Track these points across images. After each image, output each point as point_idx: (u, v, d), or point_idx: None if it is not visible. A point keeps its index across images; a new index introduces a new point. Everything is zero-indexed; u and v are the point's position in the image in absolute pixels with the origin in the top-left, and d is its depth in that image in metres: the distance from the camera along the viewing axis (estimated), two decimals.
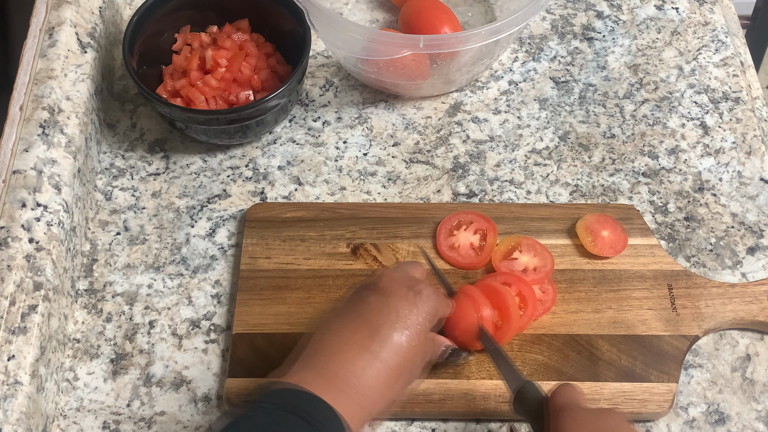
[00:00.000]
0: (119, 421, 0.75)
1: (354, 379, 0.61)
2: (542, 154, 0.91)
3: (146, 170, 0.89)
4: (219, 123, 0.85)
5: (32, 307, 0.72)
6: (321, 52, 0.99)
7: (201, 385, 0.76)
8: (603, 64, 0.98)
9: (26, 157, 0.79)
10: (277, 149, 0.91)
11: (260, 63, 0.90)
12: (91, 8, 0.91)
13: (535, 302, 0.77)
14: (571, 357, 0.76)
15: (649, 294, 0.80)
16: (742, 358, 0.78)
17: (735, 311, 0.78)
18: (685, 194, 0.88)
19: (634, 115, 0.94)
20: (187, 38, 0.92)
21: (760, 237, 0.85)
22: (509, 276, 0.78)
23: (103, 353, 0.78)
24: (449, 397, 0.74)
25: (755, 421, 0.75)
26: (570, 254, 0.82)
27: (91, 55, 0.88)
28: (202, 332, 0.79)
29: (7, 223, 0.75)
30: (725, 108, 0.94)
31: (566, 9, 1.03)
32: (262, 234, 0.83)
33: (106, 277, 0.82)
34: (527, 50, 0.99)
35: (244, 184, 0.88)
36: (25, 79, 0.83)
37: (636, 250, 0.82)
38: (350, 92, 0.96)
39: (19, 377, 0.68)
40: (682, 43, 1.00)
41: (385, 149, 0.91)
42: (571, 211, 0.85)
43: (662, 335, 0.77)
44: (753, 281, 0.81)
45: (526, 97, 0.96)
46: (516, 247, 0.81)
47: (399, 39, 0.83)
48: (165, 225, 0.86)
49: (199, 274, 0.83)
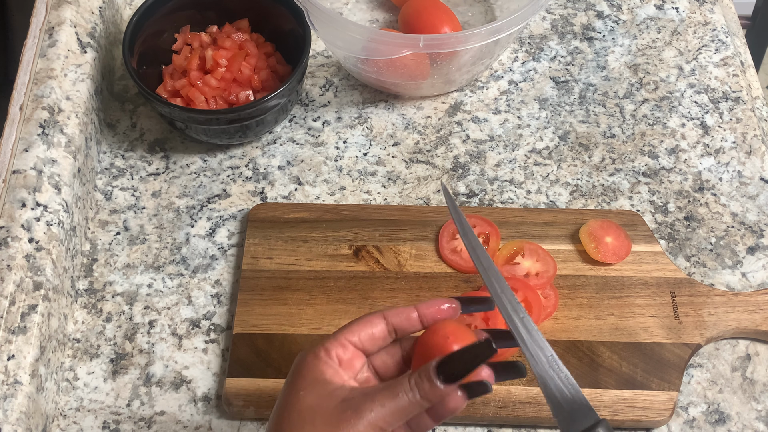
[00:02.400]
0: (119, 421, 0.75)
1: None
2: (542, 153, 0.91)
3: (146, 170, 0.89)
4: (219, 123, 0.85)
5: (32, 307, 0.72)
6: (321, 52, 0.99)
7: (201, 385, 0.76)
8: (603, 63, 0.98)
9: (26, 156, 0.78)
10: (277, 149, 0.91)
11: (260, 63, 0.90)
12: (91, 8, 0.91)
13: (540, 308, 0.77)
14: (572, 363, 0.76)
15: (652, 301, 0.79)
16: (743, 357, 0.78)
17: (738, 320, 0.78)
18: (685, 194, 0.88)
19: (634, 114, 0.94)
20: (187, 38, 0.92)
21: (760, 237, 0.85)
22: (515, 281, 0.78)
23: (103, 353, 0.78)
24: None
25: (755, 421, 0.75)
26: (573, 260, 0.82)
27: (91, 54, 0.88)
28: (202, 332, 0.79)
29: (6, 222, 0.75)
30: (725, 108, 0.94)
31: (566, 9, 1.03)
32: (264, 234, 0.83)
33: (106, 277, 0.82)
34: (527, 50, 0.99)
35: (244, 184, 0.88)
36: (24, 78, 0.83)
37: (639, 257, 0.82)
38: (350, 92, 0.96)
39: (18, 377, 0.68)
40: (682, 43, 1.00)
41: (385, 149, 0.91)
42: (575, 217, 0.84)
43: (664, 343, 0.77)
44: (756, 290, 0.81)
45: (526, 96, 0.96)
46: (519, 251, 0.81)
47: (399, 39, 0.83)
48: (165, 225, 0.86)
49: (199, 274, 0.83)
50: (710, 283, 0.82)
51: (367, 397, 0.52)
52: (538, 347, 0.57)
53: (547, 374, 0.56)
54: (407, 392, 0.52)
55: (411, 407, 0.52)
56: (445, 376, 0.52)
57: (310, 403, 0.53)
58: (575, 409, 0.55)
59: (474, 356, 0.51)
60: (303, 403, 0.53)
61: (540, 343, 0.57)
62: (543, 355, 0.56)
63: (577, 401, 0.55)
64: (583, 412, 0.54)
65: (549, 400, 0.56)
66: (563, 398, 0.55)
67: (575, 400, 0.55)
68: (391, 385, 0.53)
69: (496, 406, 0.74)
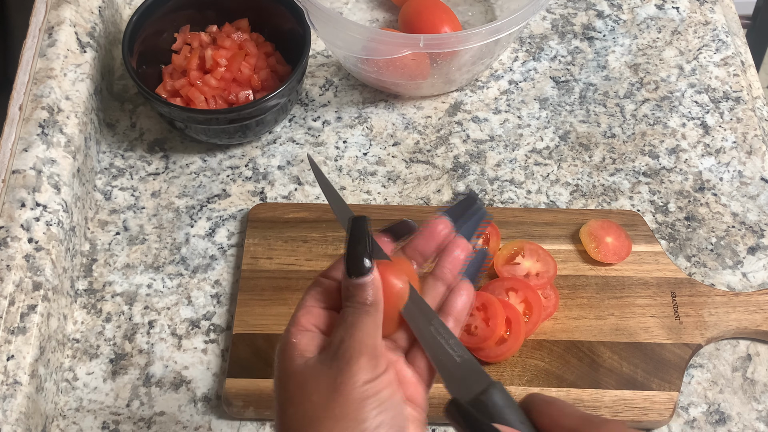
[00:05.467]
0: (119, 422, 0.74)
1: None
2: (542, 153, 0.91)
3: (146, 170, 0.89)
4: (218, 123, 0.85)
5: (31, 307, 0.72)
6: (321, 52, 0.99)
7: (200, 385, 0.76)
8: (603, 63, 0.98)
9: (25, 156, 0.78)
10: (277, 149, 0.91)
11: (260, 62, 0.90)
12: (91, 8, 0.91)
13: (540, 308, 0.77)
14: (572, 363, 0.76)
15: (652, 301, 0.79)
16: (743, 358, 0.78)
17: (738, 320, 0.78)
18: (685, 194, 0.88)
19: (634, 114, 0.94)
20: (187, 38, 0.92)
21: (760, 237, 0.85)
22: (516, 281, 0.78)
23: (103, 353, 0.78)
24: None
25: (756, 421, 0.75)
26: (573, 260, 0.82)
27: (90, 54, 0.88)
28: (201, 332, 0.79)
29: (6, 222, 0.75)
30: (726, 107, 0.94)
31: (566, 8, 1.03)
32: (264, 234, 0.83)
33: (106, 277, 0.82)
34: (527, 50, 0.99)
35: (244, 184, 0.88)
36: (24, 78, 0.83)
37: (640, 257, 0.82)
38: (350, 92, 0.96)
39: (18, 377, 0.68)
40: (683, 43, 1.00)
41: (385, 149, 0.91)
42: (575, 217, 0.84)
43: (664, 343, 0.77)
44: (757, 290, 0.81)
45: (526, 96, 0.95)
46: (519, 251, 0.81)
47: (399, 38, 0.83)
48: (164, 225, 0.86)
49: (198, 274, 0.82)
50: (711, 283, 0.82)
51: (337, 342, 0.51)
52: (424, 317, 0.54)
53: (435, 342, 0.54)
54: (346, 308, 0.52)
55: (358, 316, 0.52)
56: (350, 272, 0.52)
57: (303, 385, 0.52)
58: (466, 375, 0.52)
59: (356, 238, 0.52)
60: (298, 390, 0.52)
61: (426, 311, 0.54)
62: (430, 325, 0.54)
63: (469, 366, 0.53)
64: (475, 378, 0.52)
65: (439, 370, 0.53)
66: (453, 365, 0.53)
67: (467, 366, 0.53)
68: (338, 317, 0.53)
69: None
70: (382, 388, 0.50)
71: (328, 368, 0.51)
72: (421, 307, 0.55)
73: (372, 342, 0.51)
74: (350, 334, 0.51)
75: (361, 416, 0.49)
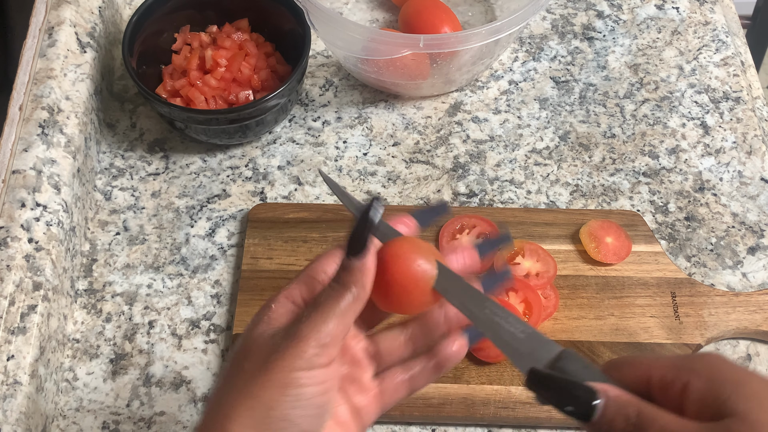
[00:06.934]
0: (119, 422, 0.74)
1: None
2: (542, 153, 0.91)
3: (146, 170, 0.89)
4: (219, 123, 0.85)
5: (31, 307, 0.72)
6: (321, 52, 0.99)
7: (201, 386, 0.76)
8: (603, 63, 0.98)
9: (25, 156, 0.78)
10: (277, 149, 0.91)
11: (260, 63, 0.90)
12: (91, 8, 0.91)
13: (540, 308, 0.77)
14: None
15: (652, 301, 0.79)
16: (743, 358, 0.78)
17: (738, 320, 0.78)
18: (685, 194, 0.88)
19: (634, 114, 0.94)
20: (187, 38, 0.92)
21: (760, 237, 0.85)
22: (516, 281, 0.78)
23: (103, 353, 0.78)
24: (448, 402, 0.74)
25: None
26: (573, 260, 0.82)
27: (90, 54, 0.88)
28: (201, 332, 0.79)
29: (6, 223, 0.75)
30: (726, 108, 0.94)
31: (566, 9, 1.03)
32: (264, 234, 0.83)
33: (106, 277, 0.82)
34: (527, 50, 0.99)
35: (244, 184, 0.88)
36: (24, 78, 0.83)
37: (640, 257, 0.82)
38: (350, 92, 0.96)
39: (18, 377, 0.68)
40: (683, 43, 1.00)
41: (385, 149, 0.91)
42: (575, 217, 0.84)
43: (664, 343, 0.77)
44: (757, 291, 0.81)
45: (526, 96, 0.95)
46: (519, 251, 0.81)
47: (399, 39, 0.83)
48: (164, 225, 0.86)
49: (198, 274, 0.82)
50: (711, 283, 0.82)
51: (297, 320, 0.49)
52: (474, 301, 0.51)
53: (494, 324, 0.50)
54: (324, 288, 0.49)
55: (329, 298, 0.49)
56: (351, 251, 0.48)
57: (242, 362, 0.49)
58: (535, 348, 0.50)
59: (365, 219, 0.48)
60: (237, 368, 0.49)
61: (473, 294, 0.51)
62: (484, 308, 0.51)
63: (535, 339, 0.50)
64: (545, 348, 0.49)
65: (505, 350, 0.50)
66: (518, 342, 0.50)
67: (532, 339, 0.50)
68: (315, 299, 0.50)
69: (497, 407, 0.73)
70: (309, 384, 0.47)
71: (272, 342, 0.48)
72: (466, 290, 0.51)
73: (328, 329, 0.47)
74: (308, 314, 0.48)
75: (272, 402, 0.46)
